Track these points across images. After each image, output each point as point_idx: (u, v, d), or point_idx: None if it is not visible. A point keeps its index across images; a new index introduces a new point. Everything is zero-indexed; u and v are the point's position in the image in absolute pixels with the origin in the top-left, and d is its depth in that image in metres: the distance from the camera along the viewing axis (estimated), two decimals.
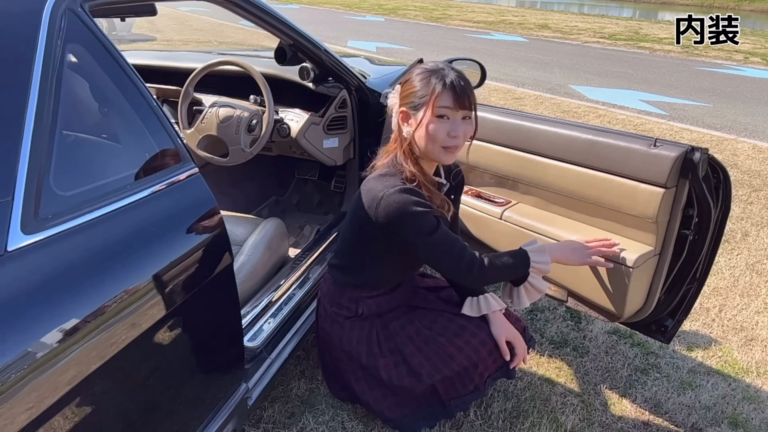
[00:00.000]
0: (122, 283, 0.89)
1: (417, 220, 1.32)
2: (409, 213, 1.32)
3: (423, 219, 1.33)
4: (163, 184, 1.04)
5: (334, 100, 2.10)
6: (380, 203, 1.33)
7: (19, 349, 0.72)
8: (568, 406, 1.75)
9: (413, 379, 1.50)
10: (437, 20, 15.67)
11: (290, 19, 1.78)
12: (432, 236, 1.34)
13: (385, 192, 1.33)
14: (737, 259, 2.81)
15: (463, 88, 1.32)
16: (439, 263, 1.40)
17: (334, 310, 1.58)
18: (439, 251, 1.36)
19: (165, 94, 2.23)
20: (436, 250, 1.36)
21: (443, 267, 1.42)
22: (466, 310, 1.54)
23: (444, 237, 1.35)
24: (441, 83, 1.31)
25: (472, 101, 1.34)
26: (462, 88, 1.32)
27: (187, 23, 13.63)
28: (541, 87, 7.14)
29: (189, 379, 1.13)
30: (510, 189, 1.84)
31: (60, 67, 0.91)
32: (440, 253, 1.36)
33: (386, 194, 1.33)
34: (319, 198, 2.75)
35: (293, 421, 1.64)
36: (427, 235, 1.33)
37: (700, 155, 1.37)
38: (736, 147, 4.76)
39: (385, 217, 1.33)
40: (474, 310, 1.54)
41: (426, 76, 1.34)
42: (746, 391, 1.87)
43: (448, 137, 1.33)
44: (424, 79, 1.34)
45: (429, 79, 1.33)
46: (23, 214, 0.79)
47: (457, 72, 1.34)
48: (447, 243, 1.36)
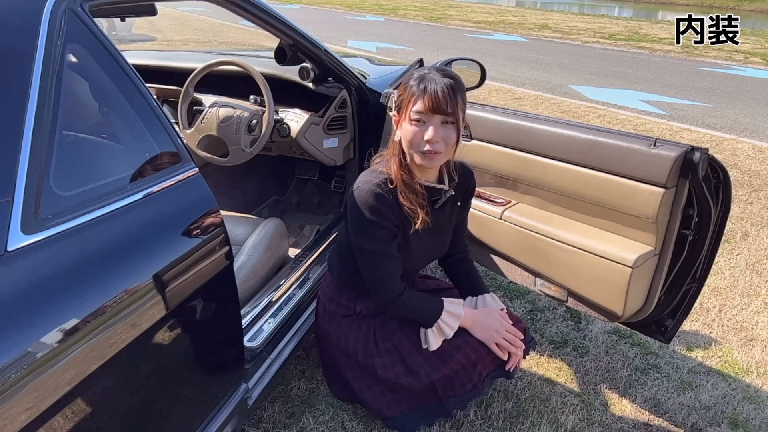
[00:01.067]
0: (122, 283, 0.89)
1: (368, 225, 1.37)
2: (362, 216, 1.36)
3: (373, 227, 1.37)
4: (163, 184, 1.04)
5: (334, 100, 2.10)
6: (353, 192, 1.39)
7: (19, 349, 0.72)
8: (568, 406, 1.75)
9: (411, 378, 1.50)
10: (437, 20, 15.67)
11: (290, 19, 1.78)
12: (372, 246, 1.39)
13: (360, 186, 1.39)
14: (737, 259, 2.81)
15: (443, 93, 1.29)
16: (365, 273, 1.45)
17: (332, 308, 1.59)
18: (370, 265, 1.43)
19: (165, 94, 2.23)
20: (368, 260, 1.42)
21: (366, 279, 1.46)
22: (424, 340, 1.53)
23: (382, 256, 1.40)
24: (418, 88, 1.32)
25: (453, 107, 1.30)
26: (439, 93, 1.29)
27: (187, 23, 13.63)
28: (541, 87, 7.14)
29: (189, 379, 1.13)
30: (510, 189, 1.84)
31: (60, 67, 0.91)
32: (370, 267, 1.43)
33: (360, 187, 1.38)
34: (319, 198, 2.76)
35: (293, 421, 1.64)
36: (369, 243, 1.39)
37: (700, 155, 1.37)
38: (736, 147, 4.76)
39: (350, 206, 1.39)
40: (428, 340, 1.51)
41: (408, 80, 1.36)
42: (746, 391, 1.87)
43: (424, 141, 1.33)
44: (406, 84, 1.36)
45: (409, 84, 1.35)
46: (23, 214, 0.79)
47: (446, 78, 1.31)
48: (381, 262, 1.41)
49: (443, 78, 1.31)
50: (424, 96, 1.30)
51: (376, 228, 1.37)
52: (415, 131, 1.33)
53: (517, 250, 1.75)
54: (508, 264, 1.84)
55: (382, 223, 1.37)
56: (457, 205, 1.55)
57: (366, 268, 1.44)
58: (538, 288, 1.78)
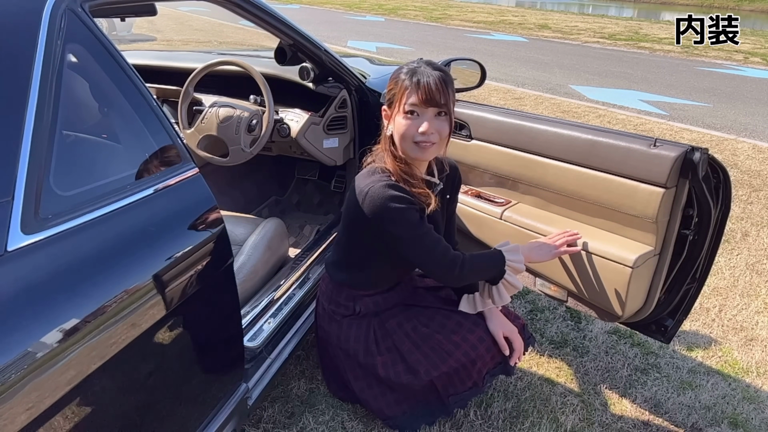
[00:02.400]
0: (122, 283, 0.89)
1: (400, 214, 1.33)
2: (392, 208, 1.33)
3: (405, 214, 1.34)
4: (163, 184, 1.04)
5: (334, 100, 2.10)
6: (365, 198, 1.35)
7: (19, 349, 0.72)
8: (568, 406, 1.75)
9: (411, 376, 1.50)
10: (437, 20, 15.67)
11: (290, 19, 1.78)
12: (415, 231, 1.35)
13: (371, 187, 1.35)
14: (737, 259, 2.81)
15: (435, 86, 1.30)
16: (421, 260, 1.41)
17: (332, 308, 1.59)
18: (422, 248, 1.38)
19: (165, 94, 2.23)
20: (418, 246, 1.37)
21: (426, 264, 1.42)
22: (464, 306, 1.55)
23: (426, 234, 1.37)
24: (411, 81, 1.31)
25: (446, 99, 1.32)
26: (432, 86, 1.30)
27: (187, 23, 13.63)
28: (541, 87, 7.14)
29: (189, 379, 1.13)
30: (510, 189, 1.84)
31: (60, 67, 0.91)
32: (423, 250, 1.38)
33: (371, 189, 1.34)
34: (319, 198, 2.76)
35: (293, 421, 1.64)
36: (411, 229, 1.35)
37: (700, 155, 1.37)
38: (736, 147, 4.76)
39: (371, 212, 1.35)
40: (471, 306, 1.54)
41: (398, 73, 1.36)
42: (746, 391, 1.87)
43: (418, 133, 1.33)
44: (397, 77, 1.36)
45: (399, 77, 1.35)
46: (23, 214, 0.79)
47: (436, 70, 1.32)
48: (430, 240, 1.37)
49: (434, 71, 1.32)
50: (418, 89, 1.30)
51: (407, 212, 1.34)
52: (409, 124, 1.33)
53: None
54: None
55: (410, 207, 1.34)
56: (447, 198, 1.56)
57: (419, 255, 1.39)
58: (538, 288, 1.78)
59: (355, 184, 1.41)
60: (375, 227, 1.37)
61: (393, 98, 1.37)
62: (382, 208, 1.33)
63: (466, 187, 1.92)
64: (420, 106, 1.32)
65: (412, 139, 1.34)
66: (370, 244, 1.47)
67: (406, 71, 1.34)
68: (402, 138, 1.35)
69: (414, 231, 1.35)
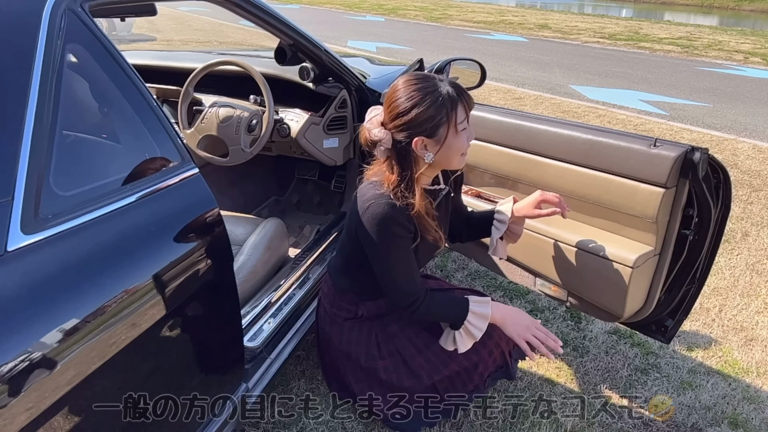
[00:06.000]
0: (122, 283, 0.89)
1: (387, 239, 1.32)
2: (383, 232, 1.31)
3: (394, 242, 1.33)
4: (163, 184, 1.04)
5: (334, 100, 2.10)
6: (368, 209, 1.32)
7: (19, 349, 0.72)
8: (568, 406, 1.75)
9: (414, 380, 1.50)
10: (437, 20, 15.66)
11: (290, 19, 1.78)
12: (390, 261, 1.36)
13: (372, 203, 1.32)
14: (737, 259, 2.81)
15: (462, 91, 1.30)
16: (383, 282, 1.41)
17: (334, 311, 1.58)
18: (388, 273, 1.38)
19: (165, 94, 2.23)
20: (386, 270, 1.38)
21: (386, 290, 1.43)
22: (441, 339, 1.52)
23: (399, 262, 1.37)
24: (449, 98, 1.26)
25: None
26: (462, 91, 1.30)
27: (187, 23, 13.63)
28: (541, 87, 7.14)
29: (189, 379, 1.13)
30: (510, 189, 1.84)
31: (60, 67, 0.91)
32: (388, 276, 1.39)
33: (376, 203, 1.31)
34: (319, 198, 2.75)
35: (293, 421, 1.64)
36: (385, 256, 1.36)
37: (700, 155, 1.37)
38: (736, 147, 4.76)
39: (366, 222, 1.32)
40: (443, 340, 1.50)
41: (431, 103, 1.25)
42: (746, 391, 1.87)
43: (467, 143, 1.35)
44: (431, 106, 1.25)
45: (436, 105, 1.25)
46: (23, 214, 0.79)
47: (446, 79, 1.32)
48: (401, 269, 1.38)
49: (443, 81, 1.30)
50: (461, 101, 1.28)
51: (398, 240, 1.33)
52: (464, 138, 1.32)
53: (517, 250, 1.75)
54: (508, 264, 1.84)
55: (403, 235, 1.33)
56: (451, 196, 1.56)
57: (386, 277, 1.39)
58: (538, 288, 1.78)
59: (359, 193, 1.38)
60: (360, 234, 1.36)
61: (437, 125, 1.27)
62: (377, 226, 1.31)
63: (466, 187, 1.92)
64: (467, 117, 1.32)
65: (464, 150, 1.34)
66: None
67: (434, 96, 1.25)
68: (456, 153, 1.33)
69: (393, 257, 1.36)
